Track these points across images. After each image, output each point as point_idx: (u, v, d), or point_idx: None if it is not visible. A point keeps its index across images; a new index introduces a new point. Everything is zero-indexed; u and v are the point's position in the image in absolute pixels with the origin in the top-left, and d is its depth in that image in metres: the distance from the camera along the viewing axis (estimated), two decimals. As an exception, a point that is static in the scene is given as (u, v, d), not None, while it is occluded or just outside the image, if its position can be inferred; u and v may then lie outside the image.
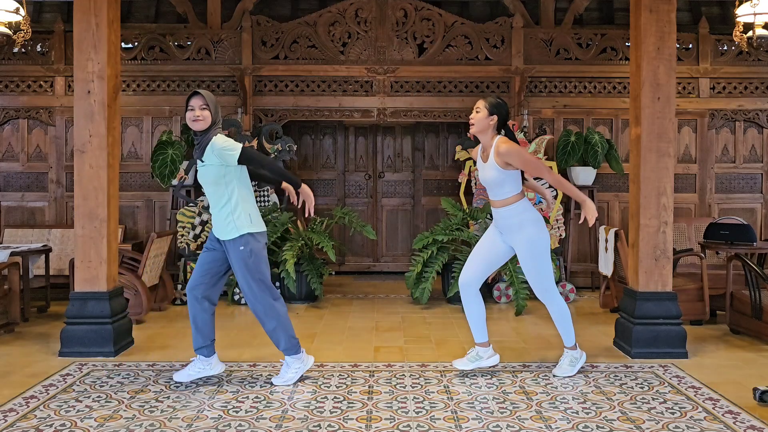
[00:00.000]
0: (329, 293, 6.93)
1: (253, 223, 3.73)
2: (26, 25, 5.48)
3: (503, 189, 3.86)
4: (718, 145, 7.36)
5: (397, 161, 8.41)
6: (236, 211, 3.69)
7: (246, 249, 3.68)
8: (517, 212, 3.85)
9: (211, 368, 3.86)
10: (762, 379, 3.88)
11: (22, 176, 7.24)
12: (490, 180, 3.88)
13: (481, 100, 3.89)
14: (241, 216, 3.69)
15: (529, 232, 3.84)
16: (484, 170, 3.91)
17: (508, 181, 3.83)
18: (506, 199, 3.87)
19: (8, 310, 5.17)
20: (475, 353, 4.03)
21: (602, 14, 7.96)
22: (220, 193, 3.70)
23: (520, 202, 3.86)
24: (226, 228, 3.71)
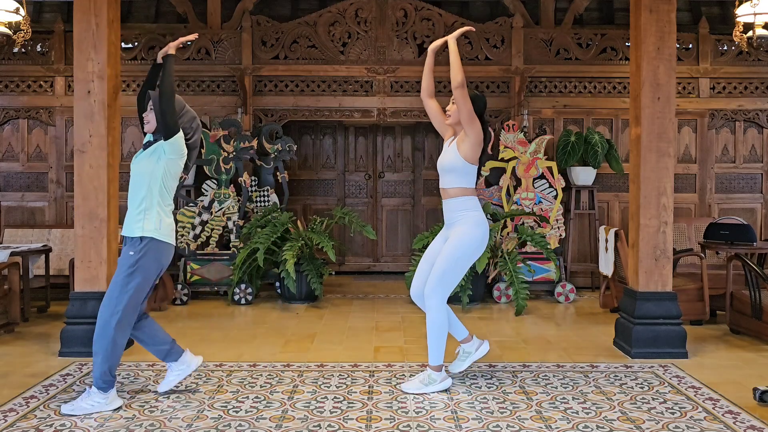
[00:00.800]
0: (329, 293, 6.93)
1: (160, 230, 3.48)
2: (26, 25, 5.48)
3: (452, 176, 3.76)
4: (718, 145, 7.36)
5: (397, 161, 8.41)
6: (150, 212, 3.48)
7: (136, 255, 3.43)
8: (464, 207, 3.75)
9: (188, 366, 3.70)
10: (762, 379, 3.88)
11: (22, 176, 7.24)
12: (444, 162, 3.79)
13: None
14: (152, 220, 3.47)
15: (466, 229, 3.72)
16: (444, 153, 3.84)
17: (459, 170, 3.74)
18: (453, 188, 3.77)
19: (8, 310, 5.17)
20: (462, 351, 4.01)
21: (602, 14, 7.96)
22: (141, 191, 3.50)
23: (469, 197, 3.77)
24: (133, 224, 3.48)
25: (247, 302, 6.31)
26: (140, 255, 3.44)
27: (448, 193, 3.81)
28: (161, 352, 3.69)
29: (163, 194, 3.54)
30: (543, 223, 6.68)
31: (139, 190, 3.52)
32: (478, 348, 4.00)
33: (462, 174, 3.76)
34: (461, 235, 3.72)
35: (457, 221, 3.77)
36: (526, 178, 6.76)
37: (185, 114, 3.66)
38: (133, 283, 3.43)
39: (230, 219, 6.65)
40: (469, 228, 3.73)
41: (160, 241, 3.49)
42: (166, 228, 3.54)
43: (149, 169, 3.51)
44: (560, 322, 5.70)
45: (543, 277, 6.54)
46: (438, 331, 3.73)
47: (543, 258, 6.47)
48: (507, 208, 6.74)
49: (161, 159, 3.50)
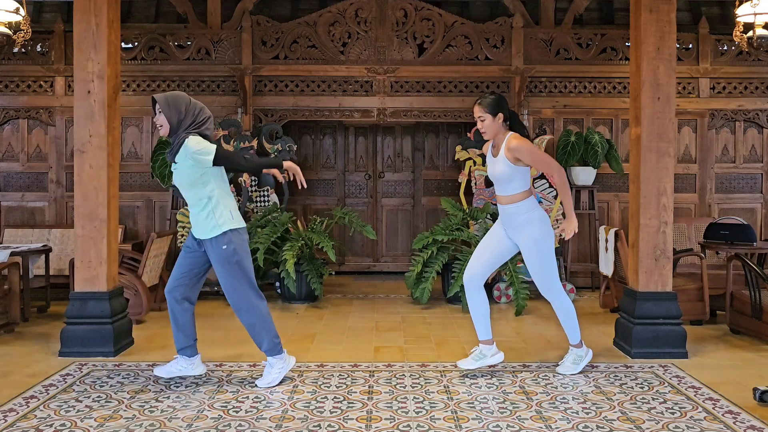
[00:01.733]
0: (329, 293, 6.93)
1: (234, 219, 3.69)
2: (26, 25, 5.48)
3: (511, 185, 3.87)
4: (718, 145, 7.36)
5: (397, 161, 8.41)
6: (217, 209, 3.66)
7: (230, 248, 3.65)
8: (524, 210, 3.87)
9: (193, 368, 3.85)
10: (762, 379, 3.88)
11: (22, 176, 7.24)
12: (499, 175, 3.89)
13: (478, 107, 3.88)
14: (223, 213, 3.66)
15: (534, 230, 3.86)
16: (494, 165, 3.92)
17: (517, 177, 3.85)
18: (513, 195, 3.88)
19: (8, 310, 5.17)
20: (479, 351, 4.02)
21: (602, 14, 7.97)
22: (199, 194, 3.66)
23: (527, 200, 3.88)
24: (207, 227, 3.66)
25: (247, 302, 6.30)
26: (233, 246, 3.66)
27: (508, 199, 3.92)
28: (182, 341, 3.84)
29: (221, 185, 3.71)
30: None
31: (198, 197, 3.67)
32: (493, 355, 4.04)
33: (519, 179, 3.88)
34: (535, 237, 3.87)
35: (523, 223, 3.88)
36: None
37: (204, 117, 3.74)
38: (244, 268, 3.70)
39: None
40: (537, 227, 3.88)
41: (237, 228, 3.70)
42: (236, 214, 3.73)
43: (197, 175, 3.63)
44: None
45: (543, 277, 6.53)
46: (569, 315, 4.01)
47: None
48: (507, 208, 6.72)
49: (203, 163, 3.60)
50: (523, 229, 3.88)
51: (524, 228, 3.87)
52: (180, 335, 3.84)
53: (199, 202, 3.68)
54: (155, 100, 3.64)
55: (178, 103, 3.64)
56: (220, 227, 3.64)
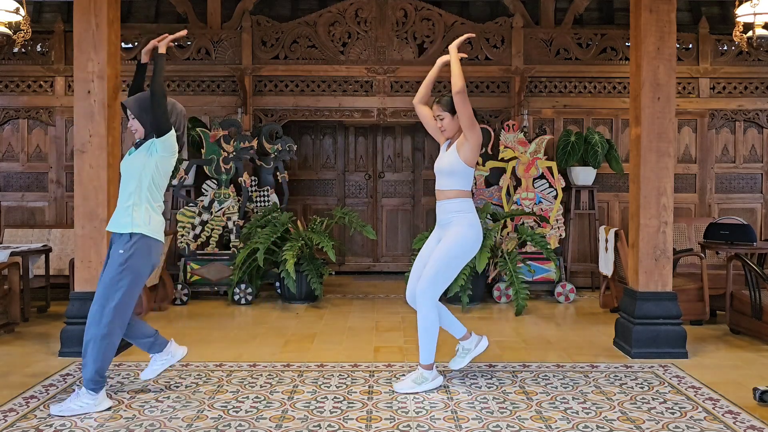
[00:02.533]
0: (329, 293, 6.93)
1: (150, 225, 3.44)
2: (26, 25, 5.48)
3: (450, 180, 3.79)
4: (718, 145, 7.36)
5: (397, 161, 8.41)
6: (139, 208, 3.43)
7: (127, 253, 3.37)
8: (458, 208, 3.78)
9: (172, 356, 3.70)
10: (762, 379, 3.88)
11: (22, 176, 7.24)
12: (443, 166, 3.82)
13: (437, 105, 3.83)
14: (141, 216, 3.42)
15: (460, 230, 3.74)
16: (441, 158, 3.86)
17: (459, 173, 3.77)
18: (449, 191, 3.79)
19: (8, 310, 5.17)
20: (462, 348, 4.00)
21: (602, 14, 7.97)
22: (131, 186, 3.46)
23: (464, 200, 3.79)
24: (121, 220, 3.43)
25: (247, 302, 6.31)
26: (131, 252, 3.38)
27: (444, 194, 3.83)
28: (146, 344, 3.68)
29: (153, 191, 3.51)
30: (543, 223, 6.68)
31: (127, 185, 3.48)
32: (477, 344, 3.99)
33: (461, 176, 3.79)
34: (455, 235, 3.74)
35: (452, 222, 3.79)
36: (526, 178, 6.76)
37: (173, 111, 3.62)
38: (124, 282, 3.37)
39: (230, 219, 6.65)
40: (463, 229, 3.75)
41: (149, 237, 3.43)
42: (156, 224, 3.49)
43: (140, 164, 3.47)
44: (560, 322, 5.70)
45: (543, 277, 6.54)
46: (429, 330, 3.74)
47: (543, 258, 6.47)
48: (507, 208, 6.74)
49: (153, 156, 3.47)
50: (452, 225, 3.78)
51: (453, 225, 3.77)
52: (139, 342, 3.67)
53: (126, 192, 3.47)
54: (125, 105, 3.52)
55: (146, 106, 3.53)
56: (131, 225, 3.39)
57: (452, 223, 3.78)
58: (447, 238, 3.76)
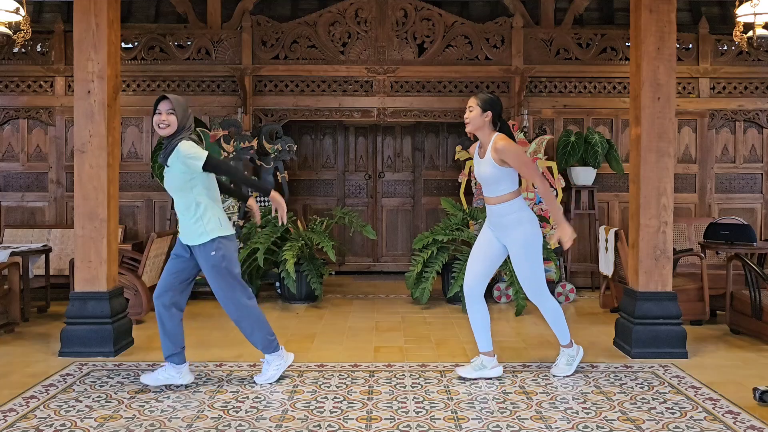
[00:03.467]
0: (329, 293, 6.93)
1: (222, 226, 3.67)
2: (26, 25, 5.48)
3: (498, 186, 3.82)
4: (718, 145, 7.36)
5: (397, 161, 8.41)
6: (206, 215, 3.63)
7: (218, 254, 3.63)
8: (512, 210, 3.81)
9: (180, 377, 3.77)
10: (762, 379, 3.88)
11: (22, 176, 7.24)
12: (486, 176, 3.84)
13: (473, 98, 3.86)
14: (211, 220, 3.64)
15: (523, 231, 3.81)
16: (480, 166, 3.88)
17: (504, 178, 3.80)
18: (501, 196, 3.83)
19: (8, 310, 5.17)
20: (480, 362, 3.98)
21: (602, 14, 7.97)
22: (189, 199, 3.63)
23: (515, 200, 3.82)
24: (195, 233, 3.64)
25: (247, 302, 6.30)
26: (221, 254, 3.64)
27: (495, 199, 3.87)
28: (170, 348, 3.76)
29: (209, 191, 3.68)
30: (543, 223, 6.67)
31: (184, 199, 3.65)
32: (493, 368, 3.99)
33: (506, 180, 3.83)
34: (523, 237, 3.83)
35: (512, 224, 3.83)
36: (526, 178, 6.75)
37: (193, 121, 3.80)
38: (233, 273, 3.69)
39: (230, 219, 6.65)
40: (526, 227, 3.84)
41: (225, 236, 3.68)
42: (225, 222, 3.71)
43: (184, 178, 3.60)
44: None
45: (543, 277, 6.53)
46: (558, 317, 3.99)
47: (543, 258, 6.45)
48: (507, 208, 6.72)
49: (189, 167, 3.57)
50: (511, 229, 3.82)
51: (513, 228, 3.82)
52: (167, 342, 3.76)
53: (187, 207, 3.65)
54: (165, 98, 3.60)
55: (185, 106, 3.68)
56: (208, 234, 3.62)
57: (513, 225, 3.83)
58: (517, 244, 3.84)
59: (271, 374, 3.83)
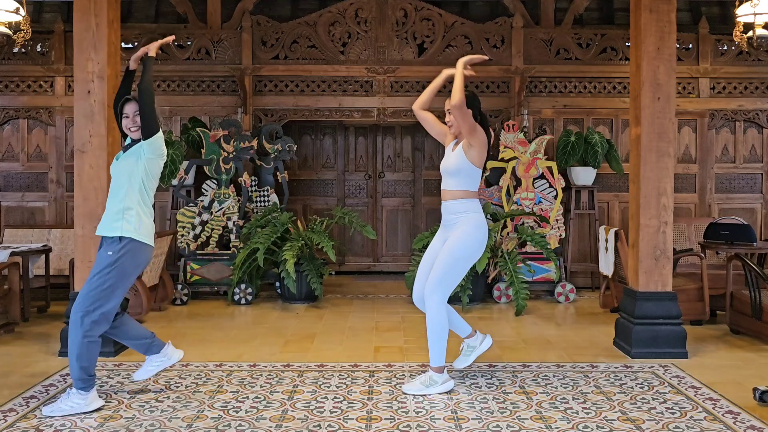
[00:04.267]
0: (329, 293, 6.93)
1: (141, 230, 3.45)
2: (26, 25, 5.48)
3: (456, 179, 3.77)
4: (718, 145, 7.36)
5: (397, 161, 8.41)
6: (131, 211, 3.44)
7: (114, 256, 3.38)
8: (463, 209, 3.76)
9: (168, 359, 3.70)
10: (762, 379, 3.88)
11: (22, 176, 7.24)
12: (448, 166, 3.80)
13: (448, 100, 3.82)
14: (132, 219, 3.44)
15: (466, 230, 3.72)
16: (447, 158, 3.85)
17: (464, 173, 3.76)
18: (455, 191, 3.78)
19: (8, 310, 5.17)
20: (467, 346, 4.01)
21: (602, 14, 7.96)
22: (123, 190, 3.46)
23: (469, 200, 3.78)
24: (112, 224, 3.44)
25: (247, 302, 6.31)
26: (119, 255, 3.39)
27: (450, 194, 3.81)
28: (142, 346, 3.67)
29: (143, 194, 3.51)
30: (543, 223, 6.68)
31: (118, 190, 3.49)
32: (482, 342, 4.00)
33: (467, 176, 3.77)
34: (461, 236, 3.72)
35: (458, 222, 3.77)
36: (526, 178, 6.76)
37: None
38: (110, 282, 3.38)
39: (230, 219, 6.65)
40: (470, 229, 3.73)
41: (139, 242, 3.44)
42: (146, 229, 3.49)
43: (129, 169, 3.48)
44: (560, 322, 5.70)
45: (543, 277, 6.54)
46: (439, 333, 3.71)
47: (543, 258, 6.47)
48: (507, 208, 6.74)
49: (141, 159, 3.48)
50: (457, 226, 3.75)
51: (458, 225, 3.75)
52: (134, 343, 3.67)
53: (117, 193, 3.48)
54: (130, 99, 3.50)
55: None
56: (122, 230, 3.41)
57: (458, 224, 3.76)
58: (453, 238, 3.74)
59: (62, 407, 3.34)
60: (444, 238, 3.85)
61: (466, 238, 3.71)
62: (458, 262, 3.72)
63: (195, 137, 6.77)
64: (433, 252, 3.88)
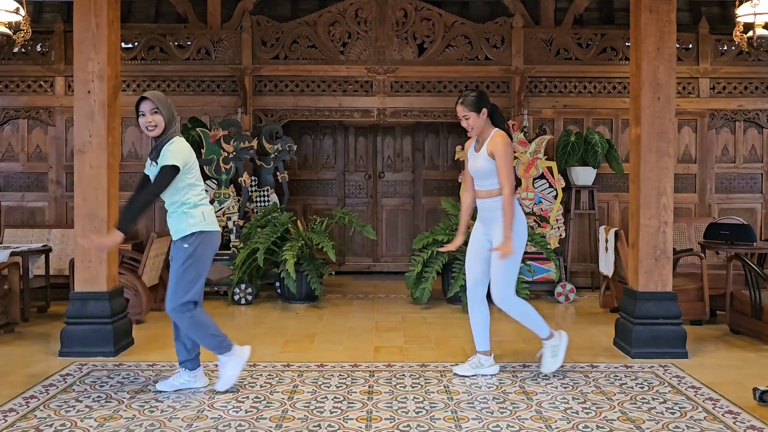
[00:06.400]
0: (329, 293, 6.93)
1: (206, 221, 3.60)
2: (26, 25, 5.48)
3: (490, 180, 3.88)
4: (718, 145, 7.36)
5: (397, 161, 8.41)
6: (189, 209, 3.57)
7: (190, 248, 3.55)
8: (499, 205, 3.85)
9: (195, 381, 3.74)
10: (762, 379, 3.88)
11: (22, 176, 7.24)
12: (479, 169, 3.90)
13: (461, 106, 3.91)
14: (195, 215, 3.57)
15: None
16: (475, 159, 3.94)
17: (496, 173, 3.84)
18: (491, 190, 3.88)
19: (8, 310, 5.17)
20: (477, 360, 4.04)
21: (602, 14, 7.96)
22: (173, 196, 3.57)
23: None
24: (179, 226, 3.58)
25: (247, 302, 6.31)
26: (194, 247, 3.56)
27: (487, 193, 3.91)
28: (183, 353, 3.74)
29: (194, 187, 3.61)
30: (543, 223, 6.68)
31: (172, 195, 3.59)
32: (490, 366, 4.05)
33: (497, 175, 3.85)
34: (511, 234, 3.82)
35: (499, 219, 3.86)
36: (526, 178, 6.76)
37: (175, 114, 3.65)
38: (193, 272, 3.58)
39: (230, 219, 6.65)
40: (516, 225, 3.84)
41: (208, 231, 3.61)
42: (209, 216, 3.64)
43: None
44: (560, 322, 5.69)
45: (543, 277, 6.54)
46: (529, 317, 3.98)
47: (543, 258, 6.47)
48: (507, 208, 6.72)
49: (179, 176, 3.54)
50: (498, 224, 3.86)
51: (499, 224, 3.85)
52: (181, 348, 3.74)
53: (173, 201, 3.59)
54: (146, 98, 3.49)
55: (168, 102, 3.58)
56: (189, 227, 3.55)
57: (498, 221, 3.86)
58: (498, 239, 3.83)
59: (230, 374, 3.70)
60: (483, 232, 3.98)
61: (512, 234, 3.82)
62: (512, 259, 3.86)
63: (195, 137, 6.76)
64: (477, 245, 4.02)
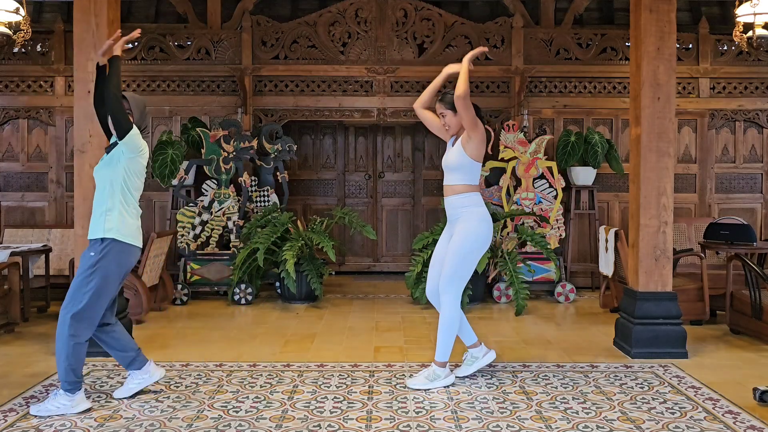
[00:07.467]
0: (329, 293, 6.93)
1: (123, 231, 3.40)
2: (26, 25, 5.48)
3: (458, 174, 3.84)
4: (718, 145, 7.36)
5: (397, 161, 8.41)
6: (113, 212, 3.41)
7: (95, 257, 3.34)
8: (466, 203, 3.82)
9: (149, 377, 3.61)
10: (762, 379, 3.88)
11: (22, 176, 7.24)
12: (450, 161, 3.87)
13: (439, 103, 3.89)
14: (113, 220, 3.39)
15: (470, 225, 3.78)
16: (447, 154, 3.92)
17: (466, 168, 3.82)
18: (455, 186, 3.85)
19: (8, 310, 5.17)
20: (470, 356, 4.03)
21: (602, 14, 7.96)
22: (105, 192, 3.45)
23: (470, 194, 3.83)
24: (95, 226, 3.41)
25: (247, 302, 6.31)
26: (100, 256, 3.36)
27: (453, 189, 3.87)
28: (126, 358, 3.61)
29: (126, 195, 3.48)
30: (543, 223, 6.68)
31: (101, 192, 3.48)
32: (485, 355, 4.02)
33: (468, 171, 3.83)
34: (467, 230, 3.78)
35: (461, 217, 3.82)
36: (526, 178, 6.76)
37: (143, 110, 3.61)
38: (93, 284, 3.34)
39: (230, 219, 6.65)
40: (474, 223, 3.80)
41: (122, 242, 3.40)
42: (129, 229, 3.44)
43: (109, 171, 3.46)
44: (560, 322, 5.70)
45: (543, 277, 6.54)
46: (449, 329, 3.81)
47: (543, 258, 6.47)
48: (507, 208, 6.74)
49: (120, 160, 3.46)
50: (461, 221, 3.81)
51: (462, 220, 3.81)
52: (119, 355, 3.62)
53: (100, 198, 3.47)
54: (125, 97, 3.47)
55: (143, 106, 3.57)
56: (104, 231, 3.37)
57: (462, 219, 3.82)
58: (458, 234, 3.79)
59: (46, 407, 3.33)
60: (450, 233, 3.90)
61: (471, 232, 3.78)
62: (467, 256, 3.79)
63: (195, 137, 6.77)
64: (441, 249, 3.94)
